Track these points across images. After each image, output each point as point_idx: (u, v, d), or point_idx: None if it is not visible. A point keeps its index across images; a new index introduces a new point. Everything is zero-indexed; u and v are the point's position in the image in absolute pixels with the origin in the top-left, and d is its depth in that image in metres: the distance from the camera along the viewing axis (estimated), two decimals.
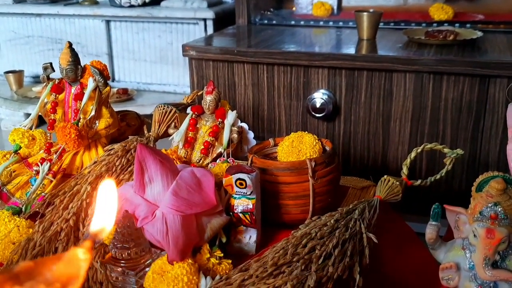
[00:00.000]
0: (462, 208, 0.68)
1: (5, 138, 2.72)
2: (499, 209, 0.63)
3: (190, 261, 0.74)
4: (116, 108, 1.15)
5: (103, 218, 0.38)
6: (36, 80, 2.80)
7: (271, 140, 1.01)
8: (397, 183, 0.93)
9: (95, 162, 0.96)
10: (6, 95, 2.67)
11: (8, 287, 0.31)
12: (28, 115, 2.66)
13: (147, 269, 0.75)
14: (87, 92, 1.04)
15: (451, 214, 0.70)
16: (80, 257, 0.32)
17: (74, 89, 1.07)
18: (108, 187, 0.40)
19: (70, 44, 1.07)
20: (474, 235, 0.65)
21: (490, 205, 0.64)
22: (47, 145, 1.04)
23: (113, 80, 2.65)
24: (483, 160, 1.42)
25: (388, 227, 0.92)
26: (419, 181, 0.98)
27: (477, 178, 0.71)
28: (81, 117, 1.04)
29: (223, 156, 1.00)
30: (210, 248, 0.78)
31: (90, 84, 1.05)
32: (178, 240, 0.74)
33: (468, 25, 1.80)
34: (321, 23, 2.00)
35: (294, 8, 2.12)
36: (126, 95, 2.50)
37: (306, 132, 0.96)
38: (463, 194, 1.44)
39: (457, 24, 1.80)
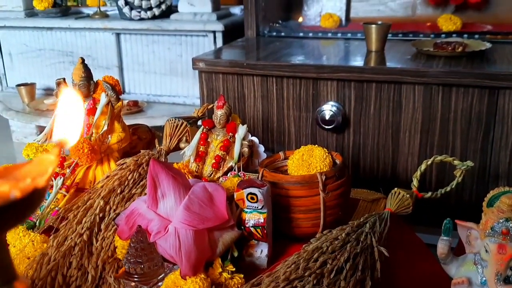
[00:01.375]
0: (474, 223, 0.68)
1: (17, 150, 2.75)
2: (511, 225, 0.64)
3: (202, 275, 0.75)
4: (127, 120, 1.16)
5: (67, 127, 0.38)
6: (48, 92, 2.84)
7: (281, 154, 1.02)
8: (408, 195, 0.93)
9: (107, 177, 0.97)
10: (18, 107, 2.70)
11: None
12: (40, 127, 2.69)
13: (160, 283, 0.76)
14: (99, 107, 1.06)
15: (462, 229, 0.70)
16: (47, 158, 0.34)
17: (86, 104, 1.09)
18: (70, 98, 0.40)
19: (83, 60, 1.08)
20: (486, 251, 0.65)
21: (501, 220, 0.64)
22: (60, 159, 1.06)
23: (123, 92, 2.67)
24: (493, 171, 1.42)
25: (399, 239, 0.93)
26: (429, 193, 0.99)
27: (487, 189, 0.72)
28: (93, 131, 1.06)
29: (234, 170, 1.01)
30: (222, 262, 0.79)
31: (103, 99, 1.06)
32: (191, 255, 0.75)
33: (476, 36, 1.80)
34: (330, 34, 2.01)
35: (300, 20, 2.14)
36: (136, 107, 2.52)
37: (316, 145, 0.97)
38: (473, 205, 1.45)
39: (465, 35, 1.81)
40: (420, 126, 1.45)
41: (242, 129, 1.02)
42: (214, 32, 2.40)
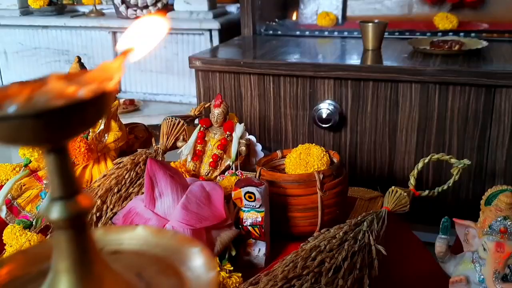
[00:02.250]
0: (471, 222, 0.68)
1: (13, 150, 2.73)
2: (509, 223, 0.64)
3: None
4: (123, 119, 1.16)
5: (137, 36, 0.35)
6: None
7: (278, 152, 1.02)
8: (405, 194, 0.93)
9: (104, 176, 0.97)
10: None
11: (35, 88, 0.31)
12: None
13: None
14: None
15: (460, 227, 0.70)
16: (112, 65, 0.32)
17: None
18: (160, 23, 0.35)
19: (79, 59, 1.08)
20: (484, 249, 0.65)
21: (499, 219, 0.64)
22: None
23: (120, 91, 2.66)
24: (489, 169, 1.42)
25: (397, 238, 0.93)
26: (426, 192, 0.99)
27: (484, 187, 0.72)
28: (90, 131, 1.05)
29: (232, 169, 1.01)
30: (220, 261, 0.79)
31: None
32: None
33: (473, 34, 1.81)
34: (326, 33, 2.01)
35: (297, 18, 2.13)
36: (132, 105, 2.51)
37: (314, 144, 0.97)
38: (470, 203, 1.45)
39: (461, 33, 1.81)
40: (417, 125, 1.45)
41: (239, 128, 1.02)
42: (210, 30, 2.39)
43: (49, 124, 0.29)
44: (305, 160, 0.93)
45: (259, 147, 1.05)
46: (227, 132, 1.02)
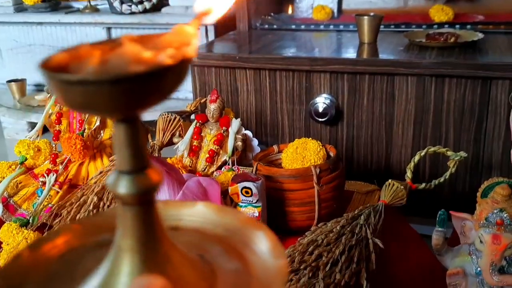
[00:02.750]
0: (468, 214, 0.69)
1: (9, 147, 2.73)
2: (505, 215, 0.64)
3: None
4: None
5: None
6: (39, 88, 2.81)
7: (275, 147, 1.02)
8: (402, 187, 0.93)
9: (100, 172, 0.97)
10: (9, 104, 2.68)
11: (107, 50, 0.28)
12: (31, 123, 2.67)
13: None
14: None
15: (457, 220, 0.71)
16: (187, 29, 0.30)
17: None
18: None
19: None
20: (481, 241, 0.65)
21: (495, 211, 0.64)
22: (53, 156, 1.05)
23: None
24: (486, 161, 1.43)
25: (393, 231, 0.93)
26: (423, 185, 0.99)
27: (480, 180, 0.72)
28: (86, 127, 1.05)
29: (228, 164, 1.01)
30: None
31: None
32: None
33: (468, 26, 1.80)
34: (322, 27, 2.00)
35: (290, 12, 2.13)
36: None
37: (310, 138, 0.97)
38: (467, 196, 1.45)
39: (457, 26, 1.81)
40: (413, 118, 1.45)
41: (235, 123, 1.02)
42: (205, 25, 2.38)
43: (127, 91, 0.26)
44: (301, 154, 0.93)
45: (255, 142, 1.05)
46: (224, 127, 1.02)
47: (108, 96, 0.26)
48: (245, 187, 0.83)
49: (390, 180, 0.95)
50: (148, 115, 2.08)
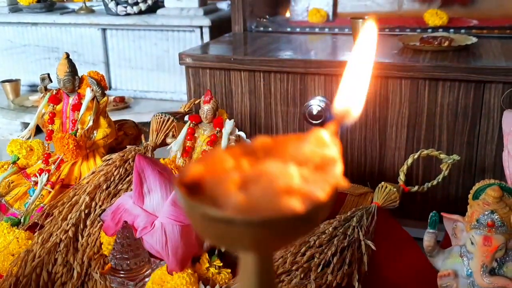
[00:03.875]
0: (460, 216, 0.69)
1: (2, 148, 2.71)
2: (496, 217, 0.64)
3: (189, 271, 0.74)
4: (113, 116, 1.15)
5: (352, 93, 0.28)
6: (33, 89, 2.80)
7: None
8: (395, 189, 0.93)
9: (93, 172, 0.96)
10: (3, 104, 2.67)
11: (248, 161, 0.25)
12: (24, 124, 2.66)
13: (146, 279, 0.75)
14: (84, 103, 1.05)
15: (448, 221, 0.71)
16: (325, 139, 0.26)
17: (71, 100, 1.07)
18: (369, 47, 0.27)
19: (68, 55, 1.07)
20: (472, 243, 0.65)
21: (487, 212, 0.65)
22: (45, 155, 1.04)
23: (110, 88, 2.65)
24: (479, 165, 1.43)
25: (386, 233, 0.93)
26: (416, 187, 0.99)
27: (473, 183, 0.72)
28: (79, 127, 1.05)
29: None
30: (209, 257, 0.79)
31: (88, 94, 1.05)
32: (178, 250, 0.75)
33: (462, 31, 1.81)
34: (317, 29, 2.01)
35: (288, 15, 2.13)
36: (123, 103, 2.50)
37: None
38: (460, 199, 1.46)
39: (451, 30, 1.82)
40: (407, 121, 1.46)
41: (229, 124, 1.02)
42: (201, 27, 2.38)
43: (274, 232, 0.23)
44: None
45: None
46: (217, 128, 1.02)
47: (251, 236, 0.24)
48: None
49: (383, 183, 0.95)
50: (144, 117, 2.07)
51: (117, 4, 2.50)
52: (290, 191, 0.24)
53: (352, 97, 0.28)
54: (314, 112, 1.52)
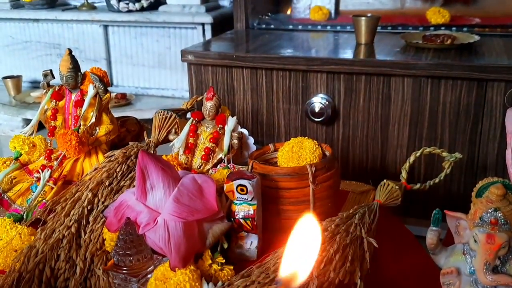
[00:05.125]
0: (463, 214, 0.69)
1: (4, 144, 2.72)
2: (499, 215, 0.64)
3: (192, 267, 0.74)
4: (115, 113, 1.15)
5: (296, 260, 0.30)
6: (35, 85, 2.80)
7: (271, 146, 1.02)
8: (397, 187, 0.93)
9: (95, 169, 0.96)
10: (4, 100, 2.67)
11: None
12: (26, 120, 2.66)
13: (149, 276, 0.75)
14: (87, 99, 1.05)
15: (451, 219, 0.71)
16: None
17: (74, 96, 1.07)
18: (309, 224, 0.30)
19: (70, 51, 1.07)
20: (475, 240, 0.65)
21: (490, 210, 0.65)
22: (48, 152, 1.04)
23: (112, 85, 2.65)
24: (481, 163, 1.43)
25: (388, 231, 0.93)
26: (418, 185, 0.99)
27: (475, 181, 0.72)
28: (81, 123, 1.05)
29: (224, 162, 1.01)
30: (212, 254, 0.79)
31: (90, 91, 1.05)
32: (180, 247, 0.75)
33: (465, 29, 1.81)
34: (319, 27, 2.01)
35: (290, 12, 2.13)
36: (124, 100, 2.50)
37: (306, 137, 0.97)
38: (462, 197, 1.46)
39: (454, 28, 1.81)
40: (409, 118, 1.46)
41: (231, 121, 1.02)
42: (203, 24, 2.38)
43: None
44: (297, 153, 0.93)
45: (251, 140, 1.04)
46: (219, 125, 1.02)
47: None
48: (240, 185, 0.83)
49: (385, 180, 0.95)
50: (145, 113, 2.07)
51: (119, 0, 2.50)
52: None
53: (298, 260, 0.30)
54: (316, 110, 1.52)
